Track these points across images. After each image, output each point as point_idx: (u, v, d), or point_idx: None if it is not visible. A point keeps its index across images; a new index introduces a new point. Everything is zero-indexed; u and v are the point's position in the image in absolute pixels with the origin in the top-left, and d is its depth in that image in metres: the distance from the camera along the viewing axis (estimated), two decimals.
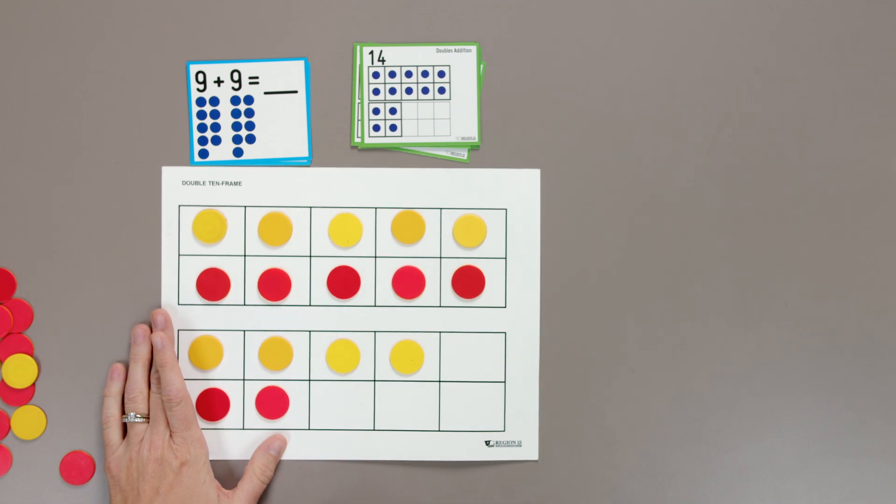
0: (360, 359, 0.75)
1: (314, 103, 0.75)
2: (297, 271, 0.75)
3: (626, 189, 0.76)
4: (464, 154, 0.76)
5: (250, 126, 0.75)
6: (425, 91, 0.75)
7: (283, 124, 0.75)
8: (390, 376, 0.76)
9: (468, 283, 0.75)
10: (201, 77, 0.75)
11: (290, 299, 0.75)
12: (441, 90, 0.75)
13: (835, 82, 0.76)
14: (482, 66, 0.76)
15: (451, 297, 0.76)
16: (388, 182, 0.75)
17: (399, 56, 0.75)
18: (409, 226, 0.75)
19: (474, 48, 0.75)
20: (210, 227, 0.75)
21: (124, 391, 0.73)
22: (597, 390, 0.76)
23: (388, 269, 0.76)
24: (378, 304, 0.76)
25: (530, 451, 0.75)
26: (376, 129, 0.75)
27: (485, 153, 0.76)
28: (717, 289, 0.76)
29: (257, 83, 0.75)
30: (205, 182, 0.75)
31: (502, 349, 0.76)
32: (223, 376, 0.75)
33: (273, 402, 0.75)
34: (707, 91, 0.76)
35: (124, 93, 0.75)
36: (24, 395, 0.75)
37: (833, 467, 0.76)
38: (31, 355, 0.75)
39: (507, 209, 0.76)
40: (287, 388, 0.75)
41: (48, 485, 0.75)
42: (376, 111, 0.75)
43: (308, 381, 0.75)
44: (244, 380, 0.75)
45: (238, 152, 0.75)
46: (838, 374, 0.76)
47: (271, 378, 0.75)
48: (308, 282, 0.75)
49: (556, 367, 0.76)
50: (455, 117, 0.75)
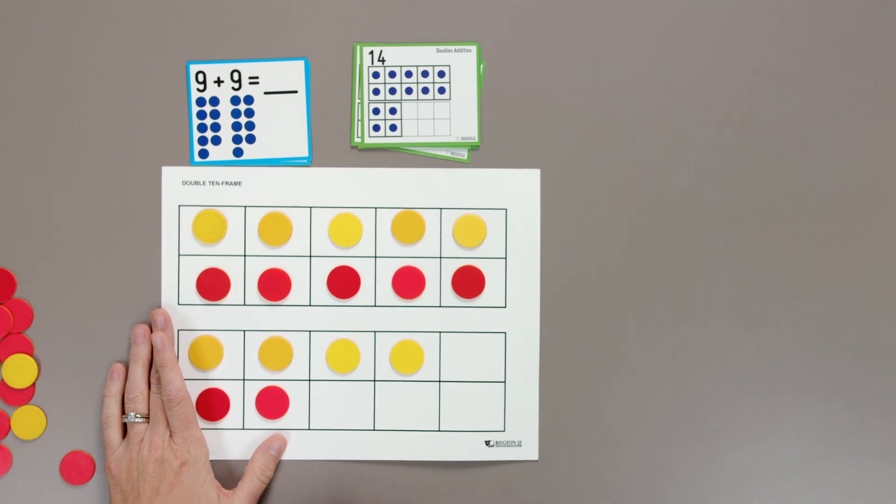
0: (360, 359, 0.75)
1: (314, 103, 0.75)
2: (297, 271, 0.75)
3: (626, 189, 0.76)
4: (464, 154, 0.76)
5: (250, 126, 0.75)
6: (425, 91, 0.75)
7: (283, 124, 0.75)
8: (390, 376, 0.76)
9: (468, 283, 0.75)
10: (201, 77, 0.75)
11: (290, 299, 0.75)
12: (441, 90, 0.75)
13: (835, 82, 0.76)
14: (482, 66, 0.76)
15: (451, 297, 0.76)
16: (388, 182, 0.75)
17: (399, 56, 0.75)
18: (409, 226, 0.75)
19: (474, 48, 0.75)
20: (210, 227, 0.75)
21: (124, 391, 0.73)
22: (597, 390, 0.76)
23: (388, 269, 0.76)
24: (378, 304, 0.75)
25: (530, 451, 0.75)
26: (376, 129, 0.75)
27: (485, 153, 0.76)
28: (717, 289, 0.76)
29: (257, 83, 0.75)
30: (205, 182, 0.75)
31: (502, 349, 0.76)
32: (223, 376, 0.75)
33: (273, 402, 0.75)
34: (707, 91, 0.76)
35: (124, 93, 0.75)
36: (24, 395, 0.75)
37: (833, 467, 0.76)
38: (31, 355, 0.75)
39: (507, 209, 0.76)
40: (287, 388, 0.75)
41: (48, 485, 0.75)
42: (376, 111, 0.75)
43: (308, 381, 0.75)
44: (244, 380, 0.75)
45: (238, 152, 0.75)
46: (838, 374, 0.76)
47: (271, 378, 0.75)
48: (308, 282, 0.75)
49: (556, 367, 0.76)
50: (455, 117, 0.75)
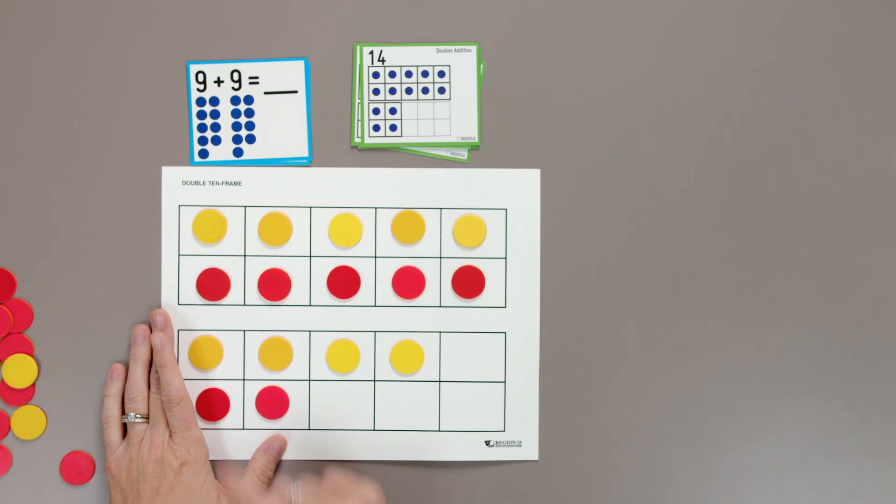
0: (360, 359, 0.75)
1: (314, 103, 0.75)
2: (297, 271, 0.75)
3: (626, 189, 0.76)
4: (464, 154, 0.76)
5: (250, 126, 0.75)
6: (425, 91, 0.75)
7: (283, 124, 0.75)
8: (390, 376, 0.76)
9: (468, 283, 0.75)
10: (201, 77, 0.75)
11: (290, 299, 0.75)
12: (441, 90, 0.75)
13: (835, 82, 0.76)
14: (482, 66, 0.76)
15: (451, 297, 0.76)
16: (388, 182, 0.75)
17: (399, 56, 0.75)
18: (409, 226, 0.75)
19: (474, 48, 0.75)
20: (210, 227, 0.75)
21: (124, 391, 0.73)
22: (597, 390, 0.76)
23: (388, 269, 0.75)
24: (378, 304, 0.75)
25: (530, 451, 0.75)
26: (376, 129, 0.75)
27: (485, 153, 0.76)
28: (717, 289, 0.76)
29: (257, 83, 0.75)
30: (205, 182, 0.75)
31: (502, 349, 0.75)
32: (223, 376, 0.75)
33: (273, 402, 0.75)
34: (707, 91, 0.76)
35: (124, 93, 0.75)
36: (24, 395, 0.75)
37: (833, 467, 0.76)
38: (31, 355, 0.75)
39: (507, 209, 0.76)
40: (287, 388, 0.75)
41: (48, 485, 0.75)
42: (376, 111, 0.75)
43: (308, 381, 0.75)
44: (244, 380, 0.75)
45: (238, 152, 0.75)
46: (838, 374, 0.76)
47: (271, 378, 0.75)
48: (308, 282, 0.75)
49: (556, 367, 0.76)
50: (455, 117, 0.75)
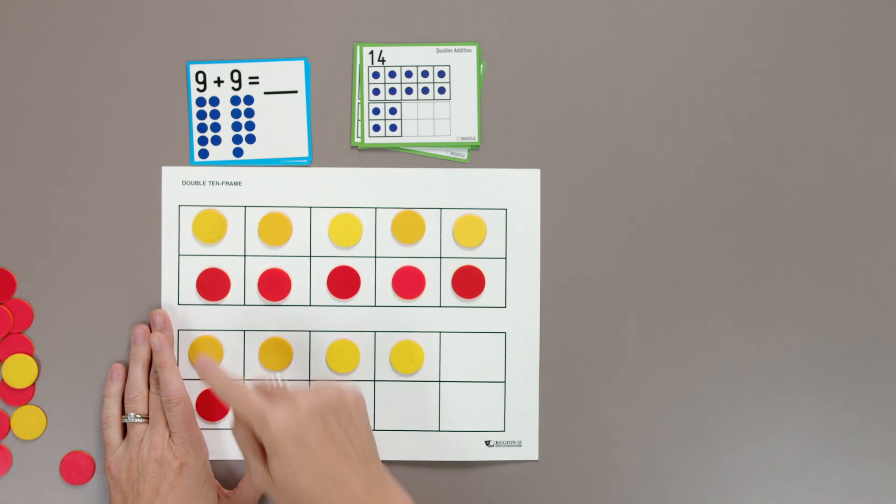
0: (360, 359, 0.75)
1: (314, 103, 0.75)
2: (297, 271, 0.75)
3: (626, 189, 0.76)
4: (464, 154, 0.76)
5: (250, 126, 0.75)
6: (425, 91, 0.75)
7: (283, 124, 0.75)
8: (390, 376, 0.76)
9: (468, 283, 0.75)
10: (201, 77, 0.75)
11: (290, 299, 0.75)
12: (441, 90, 0.75)
13: (835, 82, 0.76)
14: (482, 66, 0.76)
15: (451, 297, 0.76)
16: (388, 182, 0.75)
17: (399, 56, 0.75)
18: (409, 226, 0.75)
19: (474, 48, 0.75)
20: (210, 227, 0.75)
21: (124, 391, 0.73)
22: (597, 390, 0.76)
23: (388, 269, 0.75)
24: (378, 304, 0.75)
25: (530, 451, 0.75)
26: (376, 129, 0.75)
27: (485, 153, 0.76)
28: (717, 289, 0.76)
29: (257, 83, 0.75)
30: (205, 182, 0.75)
31: (502, 349, 0.75)
32: None
33: None
34: (707, 91, 0.76)
35: (124, 93, 0.75)
36: (24, 395, 0.75)
37: (833, 467, 0.76)
38: (31, 355, 0.75)
39: (507, 209, 0.76)
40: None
41: (48, 485, 0.75)
42: (376, 111, 0.75)
43: (308, 382, 0.75)
44: (244, 380, 0.75)
45: (238, 152, 0.75)
46: (838, 374, 0.76)
47: (271, 378, 0.75)
48: (308, 282, 0.75)
49: (556, 367, 0.76)
50: (455, 117, 0.75)
